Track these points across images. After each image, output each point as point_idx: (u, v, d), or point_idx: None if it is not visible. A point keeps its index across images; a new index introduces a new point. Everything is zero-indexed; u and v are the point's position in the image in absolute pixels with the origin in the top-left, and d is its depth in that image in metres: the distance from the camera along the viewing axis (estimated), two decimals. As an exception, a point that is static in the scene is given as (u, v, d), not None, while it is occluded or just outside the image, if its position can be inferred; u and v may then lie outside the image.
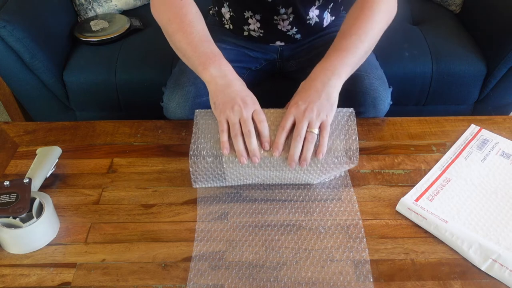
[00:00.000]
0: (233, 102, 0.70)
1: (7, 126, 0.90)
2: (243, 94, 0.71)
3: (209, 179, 0.73)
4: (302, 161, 0.69)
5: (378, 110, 0.91)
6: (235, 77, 0.74)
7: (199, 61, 0.75)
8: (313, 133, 0.69)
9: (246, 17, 0.98)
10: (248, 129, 0.68)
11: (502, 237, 0.67)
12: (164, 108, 0.93)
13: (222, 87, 0.72)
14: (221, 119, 0.70)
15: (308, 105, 0.70)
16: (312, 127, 0.69)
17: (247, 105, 0.70)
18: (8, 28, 1.09)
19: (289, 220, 0.71)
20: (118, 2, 1.41)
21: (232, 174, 0.73)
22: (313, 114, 0.69)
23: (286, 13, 0.94)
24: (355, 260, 0.65)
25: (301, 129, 0.68)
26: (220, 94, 0.71)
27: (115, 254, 0.66)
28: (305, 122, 0.69)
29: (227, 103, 0.70)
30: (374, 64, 0.97)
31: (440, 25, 1.36)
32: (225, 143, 0.69)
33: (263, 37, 1.01)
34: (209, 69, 0.73)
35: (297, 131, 0.69)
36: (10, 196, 0.66)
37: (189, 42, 0.76)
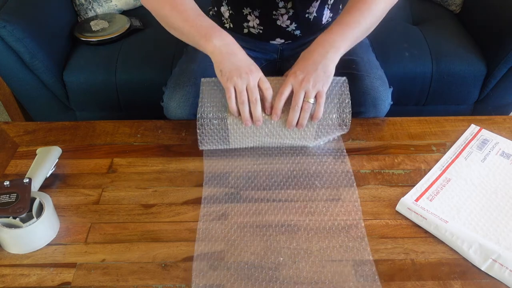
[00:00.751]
0: (240, 70, 0.73)
1: (7, 126, 0.90)
2: (248, 63, 0.75)
3: (215, 140, 0.80)
4: (299, 125, 0.76)
5: (378, 110, 0.91)
6: (237, 46, 0.77)
7: (199, 34, 0.77)
8: (309, 102, 0.74)
9: (245, 14, 0.98)
10: (254, 97, 0.74)
11: (502, 237, 0.67)
12: (165, 108, 0.93)
13: (227, 55, 0.75)
14: (229, 85, 0.74)
15: (305, 76, 0.74)
16: (308, 96, 0.74)
17: (253, 73, 0.74)
18: (8, 28, 1.09)
19: (289, 220, 0.71)
20: (118, 2, 1.42)
21: (235, 137, 0.79)
22: (309, 84, 0.74)
23: (285, 7, 0.94)
24: (356, 261, 0.65)
25: (298, 98, 0.74)
26: (226, 62, 0.74)
27: (115, 254, 0.66)
28: (302, 92, 0.74)
29: (234, 71, 0.73)
30: (375, 64, 0.97)
31: (440, 25, 1.36)
32: (234, 108, 0.75)
33: (263, 34, 1.01)
34: (212, 40, 0.75)
35: (294, 100, 0.74)
36: (10, 196, 0.66)
37: (184, 19, 0.78)
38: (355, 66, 0.93)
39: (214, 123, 0.78)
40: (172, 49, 1.24)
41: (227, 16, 1.03)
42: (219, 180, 0.77)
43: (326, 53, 0.76)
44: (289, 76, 0.76)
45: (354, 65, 0.93)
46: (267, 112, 0.76)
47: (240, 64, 0.75)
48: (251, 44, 1.04)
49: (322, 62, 0.75)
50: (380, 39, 1.27)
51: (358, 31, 0.79)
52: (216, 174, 0.78)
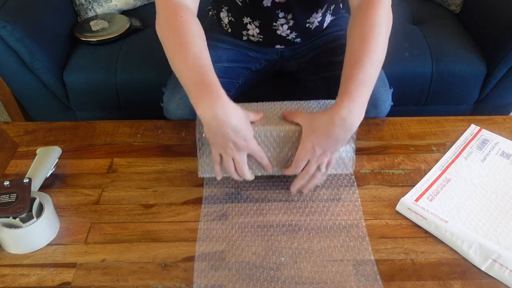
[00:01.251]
0: (225, 145, 0.69)
1: (7, 126, 0.90)
2: (235, 139, 0.68)
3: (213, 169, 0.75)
4: (305, 189, 0.74)
5: (379, 111, 0.91)
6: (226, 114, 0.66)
7: (191, 94, 0.70)
8: (322, 171, 0.72)
9: (245, 22, 0.98)
10: (242, 171, 0.71)
11: (502, 237, 0.67)
12: (164, 108, 0.92)
13: (213, 129, 0.68)
14: (215, 153, 0.71)
15: (324, 152, 0.70)
16: (321, 167, 0.72)
17: (240, 149, 0.69)
18: (8, 28, 1.08)
19: (290, 220, 0.71)
20: (118, 2, 1.41)
21: None
22: (325, 159, 0.71)
23: (285, 17, 0.94)
24: (357, 260, 0.65)
25: (311, 170, 0.72)
26: (212, 135, 0.69)
27: (115, 254, 0.66)
28: (317, 164, 0.71)
29: (220, 145, 0.69)
30: None
31: (440, 25, 1.36)
32: (218, 172, 0.73)
33: (263, 42, 1.01)
34: (201, 106, 0.67)
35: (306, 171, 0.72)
36: (10, 196, 0.66)
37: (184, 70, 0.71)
38: None
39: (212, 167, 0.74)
40: (172, 49, 1.24)
41: (227, 22, 1.02)
42: (220, 180, 0.77)
43: (350, 128, 0.69)
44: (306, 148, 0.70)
45: None
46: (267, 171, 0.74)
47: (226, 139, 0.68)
48: (250, 45, 1.03)
49: (344, 138, 0.70)
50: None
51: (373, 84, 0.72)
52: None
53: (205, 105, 0.66)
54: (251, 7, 0.93)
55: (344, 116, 0.67)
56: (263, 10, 0.92)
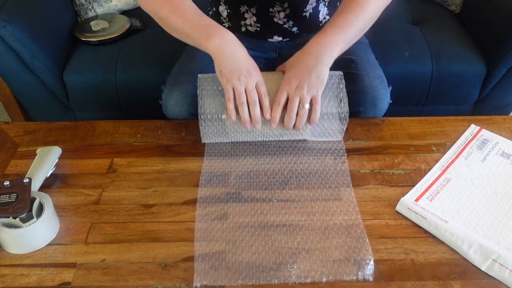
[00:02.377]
0: (239, 71, 0.74)
1: (7, 126, 0.90)
2: (248, 64, 0.76)
3: (217, 134, 0.82)
4: (296, 128, 0.78)
5: (377, 109, 0.91)
6: (238, 44, 0.77)
7: (200, 34, 0.77)
8: (305, 108, 0.75)
9: (242, 12, 0.98)
10: (253, 99, 0.74)
11: (502, 237, 0.67)
12: (163, 106, 0.93)
13: (227, 55, 0.75)
14: (228, 87, 0.74)
15: (300, 82, 0.75)
16: (303, 102, 0.75)
17: (252, 75, 0.75)
18: (8, 28, 1.09)
19: (290, 220, 0.71)
20: (118, 2, 1.41)
21: (234, 135, 0.82)
22: (303, 90, 0.75)
23: (281, 5, 0.94)
24: (357, 260, 0.65)
25: (293, 105, 0.75)
26: (226, 62, 0.75)
27: (115, 254, 0.66)
28: (297, 98, 0.75)
29: (233, 72, 0.74)
30: (374, 63, 0.97)
31: (440, 25, 1.36)
32: (232, 110, 0.76)
33: (260, 32, 1.02)
34: (213, 39, 0.75)
35: (290, 107, 0.75)
36: (10, 196, 0.66)
37: (184, 20, 0.78)
38: (354, 66, 0.93)
39: (215, 124, 0.80)
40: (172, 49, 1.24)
41: (225, 16, 1.03)
42: (219, 180, 0.77)
43: (320, 57, 0.76)
44: (283, 83, 0.77)
45: (353, 64, 0.93)
46: (266, 117, 0.77)
47: (239, 65, 0.75)
48: (249, 42, 1.03)
49: (316, 67, 0.75)
50: (380, 39, 1.27)
51: (352, 33, 0.79)
52: (217, 174, 0.78)
53: (217, 38, 0.75)
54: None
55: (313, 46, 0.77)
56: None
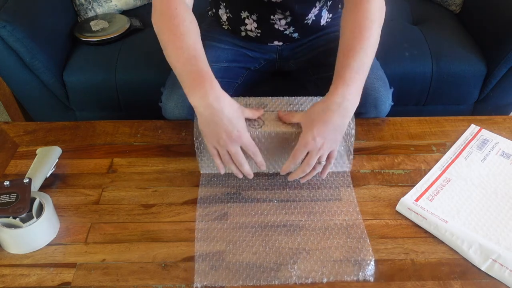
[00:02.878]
0: (218, 136, 0.69)
1: (7, 126, 0.90)
2: (228, 128, 0.68)
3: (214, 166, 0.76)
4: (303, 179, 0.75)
5: (379, 111, 0.91)
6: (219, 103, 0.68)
7: (186, 81, 0.71)
8: (321, 164, 0.73)
9: (243, 17, 0.98)
10: (238, 161, 0.71)
11: (502, 237, 0.67)
12: (163, 108, 0.92)
13: (207, 119, 0.69)
14: (210, 147, 0.72)
15: (324, 142, 0.70)
16: (321, 159, 0.72)
17: (232, 140, 0.69)
18: (8, 28, 1.08)
19: (290, 220, 0.71)
20: (118, 2, 1.41)
21: None
22: (326, 150, 0.71)
23: (282, 13, 0.94)
24: (357, 260, 0.65)
25: (311, 162, 0.71)
26: (206, 125, 0.70)
27: (115, 254, 0.66)
28: (317, 156, 0.71)
29: (213, 136, 0.70)
30: (375, 64, 0.97)
31: (440, 25, 1.36)
32: (220, 165, 0.73)
33: (261, 37, 1.01)
34: (195, 94, 0.69)
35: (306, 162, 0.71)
36: (10, 196, 0.66)
37: (177, 59, 0.73)
38: None
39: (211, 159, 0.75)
40: (172, 49, 1.24)
41: (225, 19, 1.03)
42: (219, 180, 0.77)
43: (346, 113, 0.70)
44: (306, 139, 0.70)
45: None
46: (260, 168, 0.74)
47: (219, 130, 0.68)
48: (249, 44, 1.04)
49: (343, 125, 0.71)
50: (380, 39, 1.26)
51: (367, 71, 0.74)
52: (217, 174, 0.78)
53: (198, 95, 0.68)
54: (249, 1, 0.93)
55: (339, 101, 0.69)
56: (261, 4, 0.92)
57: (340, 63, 0.74)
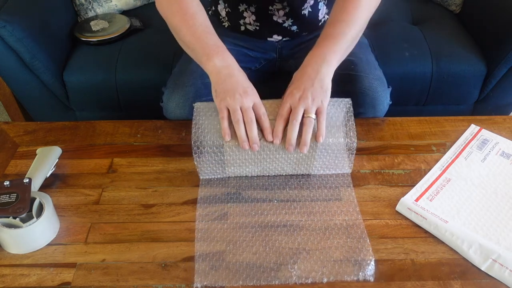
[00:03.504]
0: (234, 90, 0.71)
1: (7, 126, 0.90)
2: (244, 85, 0.73)
3: (213, 170, 0.76)
4: (302, 145, 0.70)
5: (377, 111, 0.91)
6: (237, 68, 0.76)
7: (203, 52, 0.76)
8: (310, 117, 0.71)
9: (241, 10, 0.98)
10: (249, 117, 0.70)
11: (502, 237, 0.67)
12: (164, 108, 0.93)
13: (224, 76, 0.73)
14: (222, 106, 0.72)
15: (303, 93, 0.72)
16: (308, 112, 0.71)
17: (248, 95, 0.72)
18: (8, 28, 1.09)
19: (290, 220, 0.71)
20: (118, 2, 1.41)
21: (232, 164, 0.75)
22: (308, 100, 0.71)
23: (280, 2, 0.94)
24: (357, 260, 0.65)
25: (296, 114, 0.70)
26: (222, 83, 0.73)
27: (115, 254, 0.66)
28: (301, 108, 0.71)
29: (228, 91, 0.72)
30: (373, 64, 0.97)
31: (440, 25, 1.36)
32: (226, 129, 0.71)
33: (260, 31, 1.02)
34: (213, 60, 0.75)
35: (293, 116, 0.71)
36: (10, 196, 0.66)
37: (192, 34, 0.78)
38: (354, 67, 0.93)
39: (212, 154, 0.73)
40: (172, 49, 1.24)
41: (224, 15, 1.03)
42: (219, 180, 0.77)
43: (319, 68, 0.74)
44: (286, 96, 0.74)
45: (352, 65, 0.93)
46: (267, 139, 0.71)
47: (236, 86, 0.72)
48: (249, 43, 1.04)
49: (317, 77, 0.73)
50: (380, 39, 1.27)
51: (346, 42, 0.78)
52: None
53: (217, 60, 0.75)
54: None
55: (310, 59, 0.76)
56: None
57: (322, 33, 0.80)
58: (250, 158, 0.73)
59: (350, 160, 0.76)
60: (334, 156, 0.75)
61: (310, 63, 0.76)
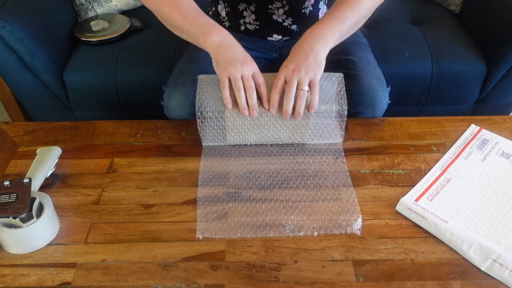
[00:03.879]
0: (234, 60, 0.75)
1: (7, 126, 0.90)
2: (244, 55, 0.77)
3: (215, 136, 0.81)
4: (296, 115, 0.76)
5: (376, 110, 0.91)
6: (234, 41, 0.79)
7: (199, 32, 0.79)
8: (303, 90, 0.75)
9: (241, 9, 0.99)
10: (250, 85, 0.75)
11: (502, 237, 0.67)
12: (165, 107, 0.93)
13: (224, 48, 0.77)
14: (223, 75, 0.75)
15: (297, 66, 0.75)
16: (302, 85, 0.75)
17: (248, 64, 0.76)
18: (8, 28, 1.09)
19: (290, 220, 0.71)
20: (118, 2, 1.41)
21: (232, 130, 0.80)
22: (301, 73, 0.75)
23: (280, 1, 0.94)
24: (357, 260, 0.65)
25: (291, 86, 0.75)
26: (223, 53, 0.76)
27: (115, 254, 0.66)
28: (295, 80, 0.75)
29: (229, 61, 0.75)
30: (372, 63, 0.97)
31: (440, 25, 1.36)
32: (227, 98, 0.76)
33: (260, 30, 1.02)
34: (211, 37, 0.77)
35: (288, 88, 0.75)
36: (10, 196, 0.66)
37: (184, 18, 0.81)
38: (353, 66, 0.93)
39: (214, 119, 0.79)
40: (172, 49, 1.24)
41: (224, 15, 1.03)
42: (219, 180, 0.77)
43: (315, 44, 0.77)
44: (280, 69, 0.77)
45: (352, 65, 0.94)
46: (265, 107, 0.77)
47: (236, 56, 0.76)
48: (249, 43, 1.04)
49: (312, 52, 0.76)
50: (380, 39, 1.27)
51: (347, 25, 0.80)
52: (216, 174, 0.78)
53: (215, 36, 0.77)
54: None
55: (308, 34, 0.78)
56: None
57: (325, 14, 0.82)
58: (249, 124, 0.79)
59: (342, 128, 0.81)
60: (327, 124, 0.80)
61: (307, 39, 0.78)
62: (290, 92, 0.75)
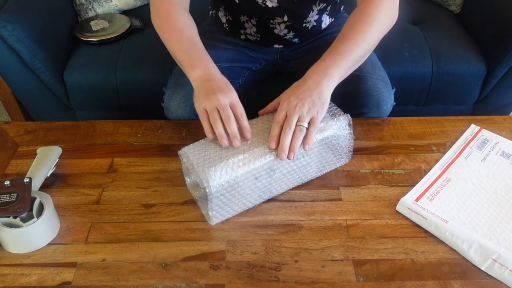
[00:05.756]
0: (210, 93, 0.72)
1: (7, 126, 0.90)
2: (220, 85, 0.73)
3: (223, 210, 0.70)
4: (290, 152, 0.69)
5: (381, 111, 0.91)
6: (218, 74, 0.76)
7: (188, 64, 0.78)
8: (302, 126, 0.70)
9: (242, 21, 0.98)
10: (226, 114, 0.70)
11: (502, 237, 0.67)
12: (165, 108, 0.93)
13: (202, 82, 0.75)
14: (200, 109, 0.73)
15: (300, 101, 0.71)
16: (302, 121, 0.70)
17: (224, 93, 0.72)
18: (8, 28, 1.09)
19: (290, 220, 0.71)
20: (118, 2, 1.41)
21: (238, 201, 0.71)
22: (303, 109, 0.71)
23: (281, 16, 0.94)
24: (357, 260, 0.65)
25: (290, 122, 0.70)
26: (201, 88, 0.75)
27: (115, 253, 0.66)
28: (295, 116, 0.70)
29: (205, 94, 0.73)
30: (377, 65, 0.97)
31: (440, 25, 1.36)
32: (209, 128, 0.71)
33: (261, 41, 1.01)
34: (196, 70, 0.76)
35: (286, 123, 0.70)
36: (11, 196, 0.66)
37: (179, 48, 0.81)
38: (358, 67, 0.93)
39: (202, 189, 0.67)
40: (172, 49, 1.24)
41: (225, 21, 1.03)
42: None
43: (320, 81, 0.73)
44: (282, 102, 0.73)
45: None
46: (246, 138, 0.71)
47: (212, 88, 0.72)
48: (250, 45, 1.04)
49: (317, 89, 0.72)
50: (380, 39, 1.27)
51: (352, 60, 0.76)
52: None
53: (199, 68, 0.76)
54: (247, 5, 0.93)
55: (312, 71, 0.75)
56: (259, 9, 0.92)
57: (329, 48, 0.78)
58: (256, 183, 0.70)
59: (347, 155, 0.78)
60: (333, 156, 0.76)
61: (312, 75, 0.75)
62: (288, 127, 0.69)
